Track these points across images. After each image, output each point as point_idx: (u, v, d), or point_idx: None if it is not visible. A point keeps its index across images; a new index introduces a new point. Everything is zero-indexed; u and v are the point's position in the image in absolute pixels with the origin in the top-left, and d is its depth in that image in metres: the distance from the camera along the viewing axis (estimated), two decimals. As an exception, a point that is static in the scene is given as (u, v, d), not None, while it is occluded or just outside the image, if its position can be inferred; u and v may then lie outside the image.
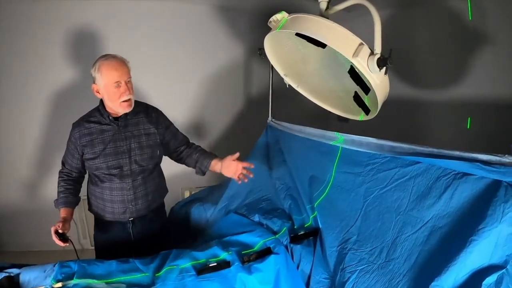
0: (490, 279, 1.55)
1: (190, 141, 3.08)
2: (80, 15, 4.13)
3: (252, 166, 2.85)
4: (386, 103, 2.47)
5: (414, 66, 3.55)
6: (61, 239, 2.44)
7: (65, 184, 2.77)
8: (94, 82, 2.61)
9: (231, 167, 2.83)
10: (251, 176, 2.83)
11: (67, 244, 2.48)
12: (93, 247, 3.04)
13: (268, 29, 2.63)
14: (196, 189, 4.45)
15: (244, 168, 2.82)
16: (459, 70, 3.19)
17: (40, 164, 4.42)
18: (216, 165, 2.91)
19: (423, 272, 1.84)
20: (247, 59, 4.84)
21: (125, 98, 2.57)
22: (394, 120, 3.08)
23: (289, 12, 2.48)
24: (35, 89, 4.25)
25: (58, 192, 2.77)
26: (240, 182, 2.83)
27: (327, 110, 3.03)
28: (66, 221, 2.57)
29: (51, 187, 3.89)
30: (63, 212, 2.66)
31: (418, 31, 3.59)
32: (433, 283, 1.70)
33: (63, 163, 2.85)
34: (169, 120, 2.97)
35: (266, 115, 3.80)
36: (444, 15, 3.31)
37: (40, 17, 4.04)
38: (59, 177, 2.84)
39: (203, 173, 3.01)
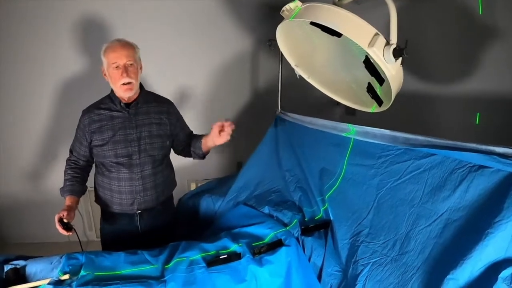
0: (507, 272, 1.52)
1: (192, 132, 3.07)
2: (88, 5, 4.13)
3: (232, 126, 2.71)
4: (394, 98, 2.46)
5: (423, 60, 3.50)
6: (64, 228, 2.45)
7: (72, 172, 2.78)
8: (102, 65, 2.65)
9: (215, 131, 2.70)
10: (233, 126, 2.70)
11: (71, 233, 2.48)
12: (99, 239, 3.04)
13: (277, 20, 2.61)
14: (203, 181, 4.47)
15: (226, 122, 2.68)
16: (469, 65, 3.18)
17: (44, 155, 4.44)
18: (208, 141, 2.86)
19: (437, 265, 1.82)
20: (255, 51, 4.83)
21: (123, 81, 2.56)
22: (402, 115, 3.06)
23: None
24: (41, 79, 4.26)
25: (65, 180, 2.78)
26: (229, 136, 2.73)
27: (333, 103, 3.01)
28: (71, 209, 2.58)
29: (55, 179, 3.91)
30: (68, 200, 2.67)
31: (427, 25, 3.56)
32: (448, 276, 1.68)
33: (70, 151, 2.86)
34: (179, 113, 2.97)
35: (273, 107, 3.80)
36: (454, 9, 3.28)
37: (48, 7, 4.04)
38: (66, 165, 2.85)
39: (202, 156, 3.00)
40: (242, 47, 4.84)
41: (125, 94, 2.63)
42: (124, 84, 2.57)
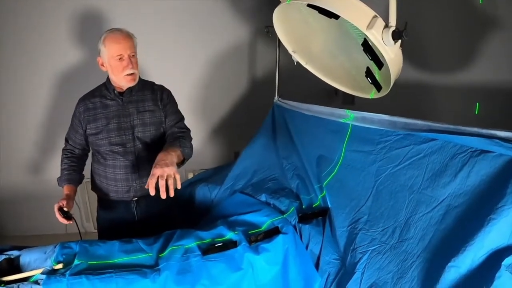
0: (510, 259, 1.52)
1: (181, 130, 2.83)
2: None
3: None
4: (392, 87, 2.45)
5: (422, 50, 3.52)
6: (64, 217, 2.43)
7: (69, 161, 2.78)
8: (99, 55, 2.61)
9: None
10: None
11: (71, 222, 2.47)
12: (96, 230, 3.03)
13: (274, 7, 2.60)
14: (200, 171, 4.45)
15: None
16: (468, 55, 3.21)
17: (43, 148, 4.45)
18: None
19: (438, 253, 1.82)
20: (252, 39, 4.82)
21: (128, 71, 2.56)
22: (401, 104, 3.08)
23: None
24: (39, 72, 4.26)
25: (62, 170, 2.77)
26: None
27: (331, 92, 3.00)
28: (69, 198, 2.57)
29: (54, 171, 3.86)
30: (66, 189, 2.65)
31: (427, 14, 3.54)
32: (449, 264, 1.68)
33: (66, 140, 2.86)
34: (172, 101, 2.90)
35: (271, 95, 3.80)
36: None
37: (52, 1, 4.05)
38: (62, 154, 2.84)
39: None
40: (240, 36, 4.82)
41: (129, 84, 2.63)
42: (128, 74, 2.57)
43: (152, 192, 2.15)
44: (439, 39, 3.43)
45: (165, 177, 2.17)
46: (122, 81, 2.60)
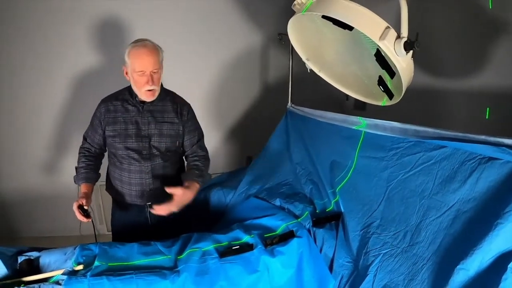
0: None
1: (201, 155, 2.93)
2: (98, 1, 4.18)
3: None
4: (404, 92, 2.47)
5: (432, 55, 3.49)
6: (84, 215, 2.47)
7: (86, 160, 2.81)
8: (124, 64, 2.63)
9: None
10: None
11: (90, 220, 2.51)
12: (110, 233, 3.04)
13: (287, 14, 2.64)
14: (213, 175, 4.38)
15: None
16: (478, 60, 3.17)
17: (56, 150, 4.47)
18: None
19: (448, 256, 1.85)
20: (264, 45, 4.84)
21: (148, 88, 2.59)
22: (412, 109, 3.07)
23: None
24: (54, 74, 4.29)
25: (79, 168, 2.80)
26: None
27: (342, 98, 3.02)
28: (87, 196, 2.60)
29: (67, 173, 3.93)
30: (83, 188, 2.69)
31: (437, 19, 3.55)
32: (458, 266, 1.71)
33: (84, 138, 2.89)
34: (192, 117, 2.93)
35: (283, 102, 3.82)
36: (464, 3, 3.27)
37: (67, 4, 4.09)
38: (79, 153, 2.87)
39: None
40: (252, 42, 4.85)
41: (147, 99, 2.66)
42: (148, 90, 2.60)
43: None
44: (449, 44, 3.43)
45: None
46: (142, 95, 2.63)
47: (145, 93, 2.62)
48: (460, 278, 1.70)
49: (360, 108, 3.77)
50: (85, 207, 2.49)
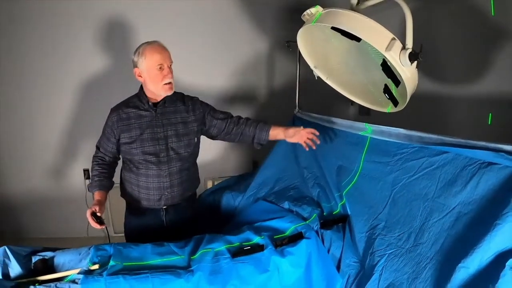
0: None
1: (234, 116, 3.07)
2: (108, 5, 4.26)
3: (317, 133, 2.87)
4: (409, 99, 2.52)
5: (435, 61, 3.49)
6: (97, 222, 2.50)
7: (100, 168, 2.85)
8: (135, 66, 2.69)
9: (296, 136, 2.86)
10: (318, 142, 2.86)
11: (103, 227, 2.54)
12: (116, 234, 3.06)
13: (294, 21, 2.71)
14: (219, 179, 4.53)
15: (310, 133, 2.85)
16: (481, 66, 3.18)
17: (65, 153, 4.51)
18: (278, 135, 2.95)
19: (449, 255, 1.90)
20: (271, 51, 4.89)
21: (167, 80, 2.66)
22: (416, 115, 3.08)
23: (313, 4, 2.55)
24: (64, 79, 4.37)
25: (92, 176, 2.84)
26: (307, 148, 2.88)
27: (347, 104, 3.04)
28: (101, 204, 2.64)
29: (75, 176, 4.00)
30: (97, 195, 2.72)
31: (440, 26, 3.57)
32: (459, 265, 1.76)
33: (97, 147, 2.92)
34: (206, 106, 3.01)
35: (289, 107, 3.87)
36: (467, 10, 3.29)
37: (74, 8, 4.16)
38: (93, 161, 2.91)
39: (262, 146, 3.05)
40: (259, 48, 4.90)
41: (167, 92, 2.71)
42: (166, 83, 2.67)
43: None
44: (452, 51, 3.46)
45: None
46: (160, 90, 2.68)
47: (163, 87, 2.68)
48: (461, 276, 1.75)
49: (364, 114, 3.81)
50: (98, 214, 2.53)
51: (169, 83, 2.69)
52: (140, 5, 4.35)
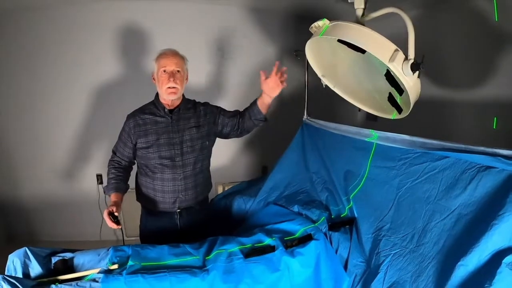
0: (510, 258, 1.70)
1: (239, 111, 3.15)
2: (121, 13, 4.36)
3: (284, 69, 2.91)
4: (413, 105, 2.58)
5: (439, 66, 3.58)
6: (114, 222, 2.58)
7: (116, 171, 2.94)
8: (153, 70, 2.83)
9: (270, 85, 2.89)
10: (284, 68, 2.91)
11: (120, 227, 2.60)
12: (128, 238, 3.11)
13: (301, 30, 2.80)
14: (230, 184, 4.60)
15: (277, 73, 2.87)
16: (485, 71, 3.24)
17: (76, 157, 4.58)
18: (263, 101, 2.99)
19: (450, 254, 1.97)
20: (279, 59, 4.82)
21: (169, 85, 2.75)
22: (421, 120, 3.14)
23: (321, 17, 2.64)
24: (77, 84, 4.47)
25: (109, 179, 2.91)
26: (285, 85, 2.91)
27: (355, 110, 3.08)
28: (117, 205, 2.72)
29: (88, 181, 4.06)
30: (114, 197, 2.81)
31: (443, 32, 3.63)
32: (459, 263, 1.84)
33: (114, 152, 3.02)
34: (216, 108, 3.10)
35: (297, 114, 3.91)
36: (470, 15, 3.35)
37: (93, 16, 4.26)
38: (109, 165, 3.00)
39: (264, 119, 3.09)
40: (266, 56, 4.96)
41: (168, 96, 2.81)
42: (169, 87, 2.76)
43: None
44: (455, 55, 3.52)
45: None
46: (164, 93, 2.79)
47: (166, 90, 2.77)
48: (461, 273, 1.83)
49: (372, 119, 3.85)
50: (116, 214, 2.62)
51: (172, 87, 2.78)
52: (154, 14, 4.45)
